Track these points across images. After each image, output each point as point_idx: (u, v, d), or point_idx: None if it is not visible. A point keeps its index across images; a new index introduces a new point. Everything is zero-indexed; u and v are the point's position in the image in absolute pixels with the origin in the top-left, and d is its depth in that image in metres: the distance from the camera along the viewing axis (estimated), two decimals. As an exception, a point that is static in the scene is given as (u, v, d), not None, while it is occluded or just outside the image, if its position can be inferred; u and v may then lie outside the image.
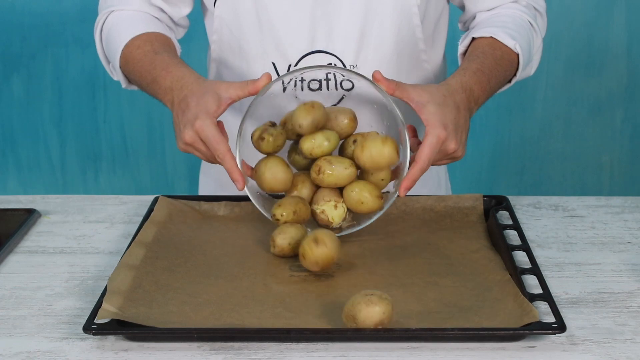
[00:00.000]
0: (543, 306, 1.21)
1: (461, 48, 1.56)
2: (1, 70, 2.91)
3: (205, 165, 1.80)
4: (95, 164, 3.00)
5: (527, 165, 3.01)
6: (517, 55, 1.52)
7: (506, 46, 1.52)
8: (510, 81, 1.57)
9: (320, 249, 1.27)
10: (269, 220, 1.44)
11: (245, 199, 1.54)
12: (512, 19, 1.57)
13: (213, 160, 1.37)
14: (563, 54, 2.89)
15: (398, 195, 1.35)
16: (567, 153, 2.99)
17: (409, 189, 1.33)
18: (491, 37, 1.52)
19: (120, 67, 1.56)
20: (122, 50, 1.55)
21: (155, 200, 1.52)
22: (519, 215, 1.54)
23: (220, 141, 1.33)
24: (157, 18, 1.62)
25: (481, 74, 1.45)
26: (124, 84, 1.61)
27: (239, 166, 1.37)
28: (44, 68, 2.91)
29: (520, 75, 1.56)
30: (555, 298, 1.23)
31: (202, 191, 1.80)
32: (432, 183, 1.73)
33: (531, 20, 1.59)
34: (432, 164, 1.36)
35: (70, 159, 3.00)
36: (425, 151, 1.32)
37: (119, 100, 2.93)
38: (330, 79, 1.55)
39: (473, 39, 1.54)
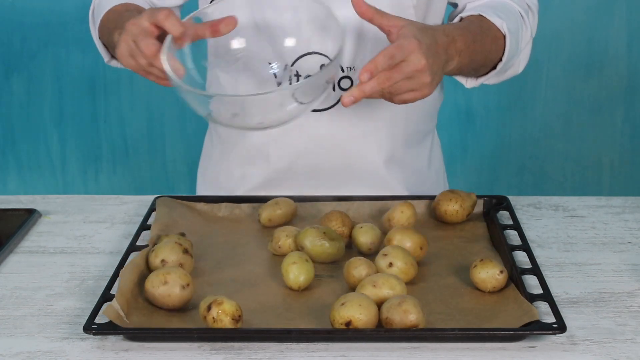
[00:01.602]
0: (543, 306, 1.21)
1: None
2: (1, 70, 2.91)
3: (202, 167, 1.79)
4: (96, 164, 3.00)
5: (527, 165, 3.01)
6: (504, 36, 1.51)
7: (493, 24, 1.51)
8: (495, 67, 1.55)
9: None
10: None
11: (245, 199, 1.54)
12: (503, 6, 1.57)
13: (145, 52, 1.30)
14: (563, 54, 2.89)
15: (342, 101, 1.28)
16: (567, 153, 2.99)
17: (354, 98, 1.26)
18: (479, 14, 1.52)
19: (100, 37, 1.56)
20: (102, 17, 1.55)
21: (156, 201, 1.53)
22: (519, 215, 1.54)
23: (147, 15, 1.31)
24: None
25: (465, 31, 1.43)
26: (106, 57, 1.61)
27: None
28: (44, 68, 2.91)
29: (506, 62, 1.54)
30: (555, 298, 1.23)
31: (200, 193, 1.79)
32: (431, 183, 1.73)
33: (522, 12, 1.58)
34: (393, 92, 1.29)
35: (71, 159, 3.00)
36: (381, 54, 1.26)
37: (119, 100, 2.93)
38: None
39: (461, 19, 1.54)
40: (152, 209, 1.51)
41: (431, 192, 1.71)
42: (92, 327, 1.14)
